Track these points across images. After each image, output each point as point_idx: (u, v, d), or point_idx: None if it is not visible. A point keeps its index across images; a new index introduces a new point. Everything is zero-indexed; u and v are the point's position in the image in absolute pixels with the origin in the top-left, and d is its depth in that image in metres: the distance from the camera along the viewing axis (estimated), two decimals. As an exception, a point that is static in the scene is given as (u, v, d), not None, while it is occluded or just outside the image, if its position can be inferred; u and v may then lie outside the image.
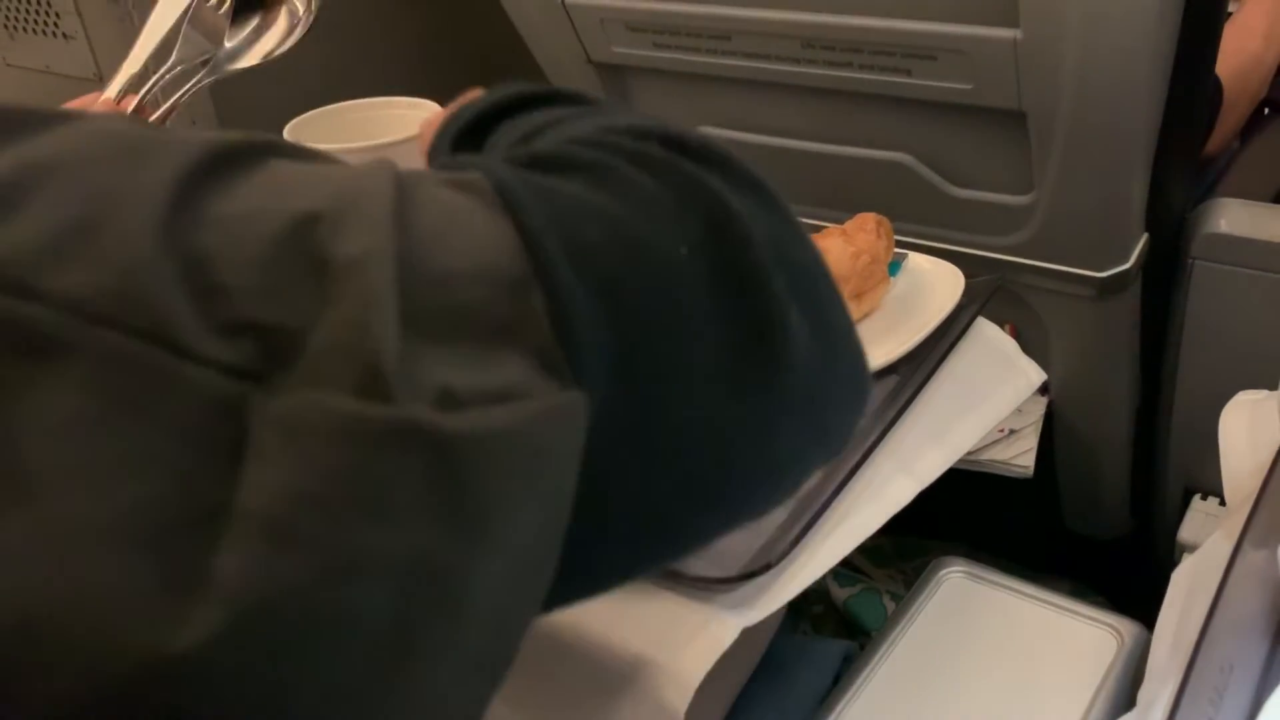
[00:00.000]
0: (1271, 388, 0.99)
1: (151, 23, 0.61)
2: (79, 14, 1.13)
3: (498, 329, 0.27)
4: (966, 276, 1.06)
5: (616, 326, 0.30)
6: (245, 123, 1.15)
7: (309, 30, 0.65)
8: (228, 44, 0.63)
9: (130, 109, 0.60)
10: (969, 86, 0.89)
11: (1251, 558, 0.49)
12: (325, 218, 0.27)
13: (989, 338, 0.78)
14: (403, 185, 0.29)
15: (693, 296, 0.31)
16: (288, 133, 0.85)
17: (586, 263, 0.29)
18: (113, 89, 0.60)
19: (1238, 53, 0.95)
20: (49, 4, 1.15)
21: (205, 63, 0.66)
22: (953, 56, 0.88)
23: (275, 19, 0.63)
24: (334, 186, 0.28)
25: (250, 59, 0.63)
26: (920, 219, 1.03)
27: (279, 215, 0.26)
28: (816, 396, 0.35)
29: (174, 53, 0.63)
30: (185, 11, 0.64)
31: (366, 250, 0.26)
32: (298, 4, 0.62)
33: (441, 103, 1.14)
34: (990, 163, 0.97)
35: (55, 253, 0.24)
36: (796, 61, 0.96)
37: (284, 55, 1.23)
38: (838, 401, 0.37)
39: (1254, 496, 0.56)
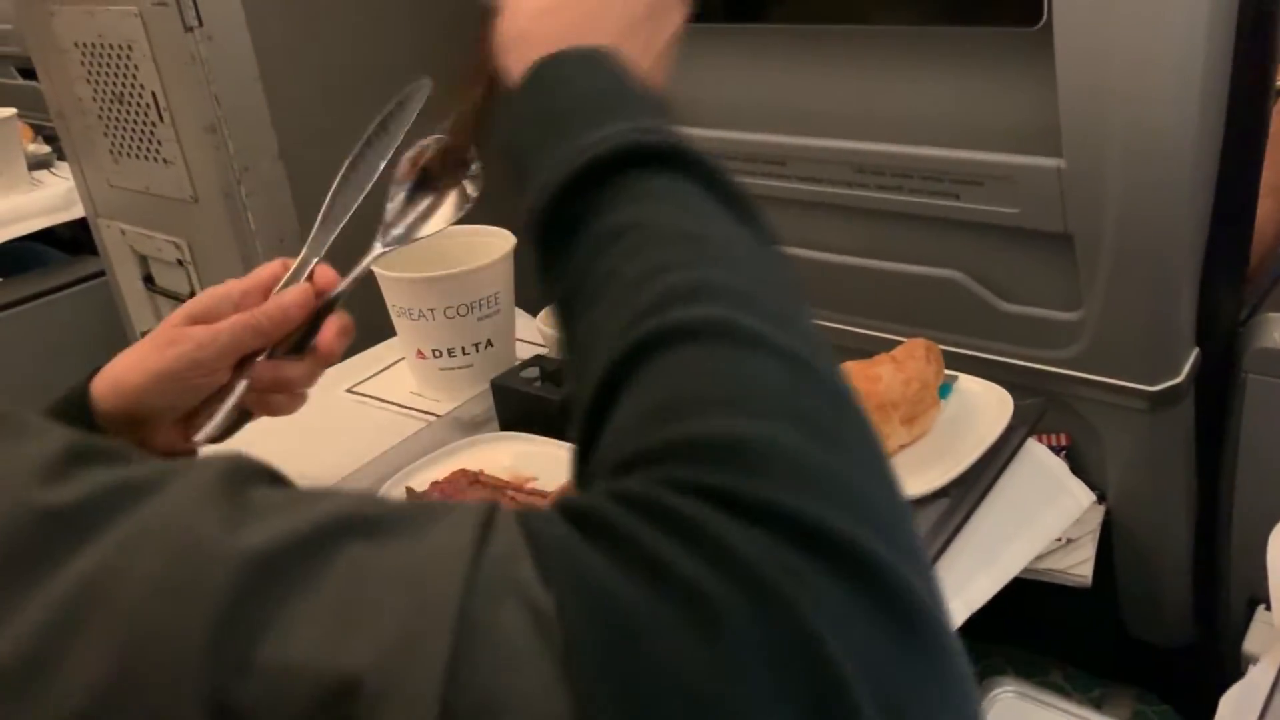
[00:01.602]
0: (1330, 501, 0.99)
1: (331, 208, 0.67)
2: (179, 142, 1.22)
3: None
4: (1018, 389, 1.08)
5: None
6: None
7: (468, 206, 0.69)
8: (401, 227, 0.68)
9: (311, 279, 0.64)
10: (1016, 210, 0.93)
11: (1291, 691, 0.51)
12: (365, 688, 0.24)
13: (1038, 459, 0.81)
14: (469, 602, 0.26)
15: None
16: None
17: None
18: (299, 261, 0.66)
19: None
20: (153, 133, 1.24)
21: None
22: (999, 183, 0.92)
23: (445, 200, 0.68)
24: (391, 618, 0.25)
25: (414, 237, 0.68)
26: (972, 332, 1.06)
27: (319, 675, 0.24)
28: None
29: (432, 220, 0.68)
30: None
31: None
32: (469, 187, 0.67)
33: (511, 226, 1.20)
34: (1039, 280, 0.99)
35: (90, 715, 0.24)
36: (849, 185, 1.01)
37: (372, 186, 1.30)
38: None
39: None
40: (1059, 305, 1.00)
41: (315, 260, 0.65)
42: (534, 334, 0.96)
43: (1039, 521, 0.76)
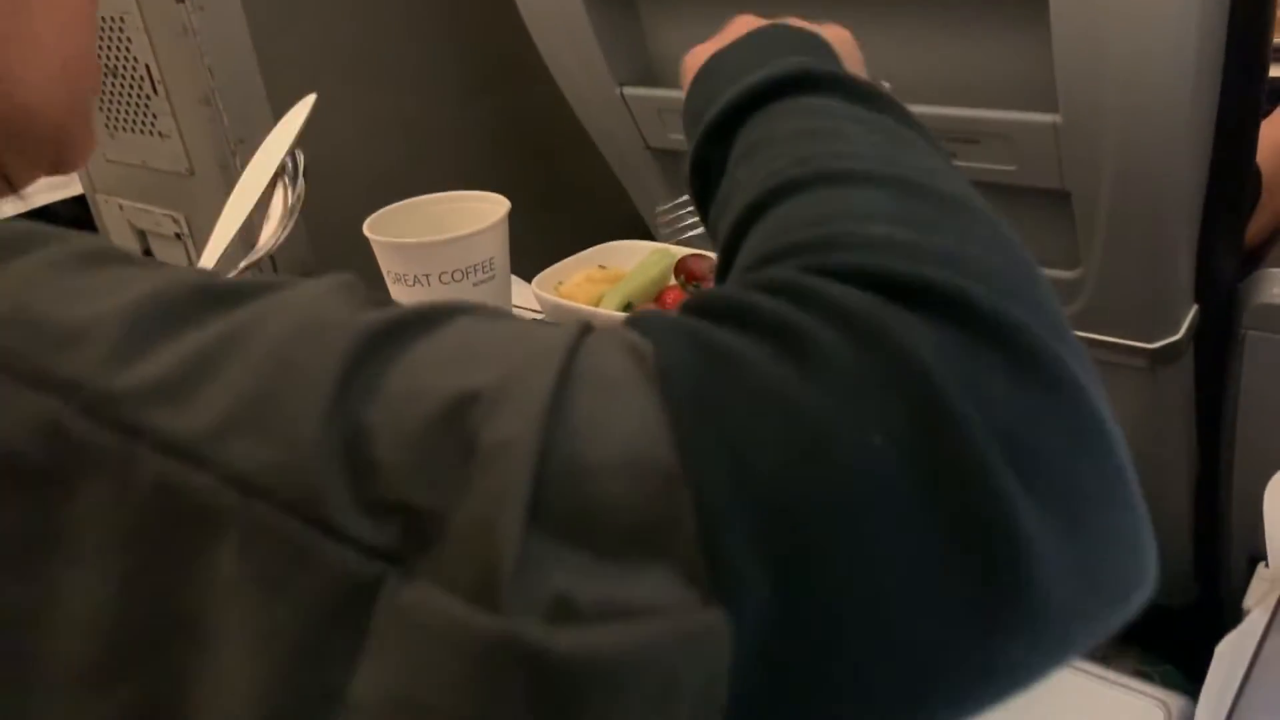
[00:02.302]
0: (1329, 457, 0.99)
1: (223, 225, 0.75)
2: (174, 115, 1.21)
3: (635, 531, 0.25)
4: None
5: (782, 538, 0.25)
6: (327, 213, 1.22)
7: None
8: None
9: None
10: (1012, 168, 0.92)
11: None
12: (484, 397, 0.26)
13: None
14: (573, 355, 0.28)
15: (884, 496, 0.26)
16: (370, 223, 0.91)
17: (748, 464, 0.26)
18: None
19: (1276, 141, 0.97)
20: (147, 106, 1.24)
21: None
22: (995, 140, 0.91)
23: (272, 210, 0.77)
24: (504, 359, 0.28)
25: (263, 248, 0.77)
26: (971, 293, 1.06)
27: (441, 393, 0.26)
28: (1063, 614, 0.28)
29: (258, 245, 0.78)
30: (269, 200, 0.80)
31: (512, 438, 0.25)
32: (288, 194, 0.77)
33: (507, 193, 1.20)
34: (1037, 239, 0.99)
35: (232, 423, 0.26)
36: (845, 146, 1.00)
37: (365, 150, 1.30)
38: (1093, 613, 0.29)
39: (1292, 575, 0.57)
40: (1057, 264, 0.99)
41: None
42: (529, 300, 0.96)
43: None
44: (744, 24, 0.54)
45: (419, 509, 0.25)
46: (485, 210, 0.92)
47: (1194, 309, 0.99)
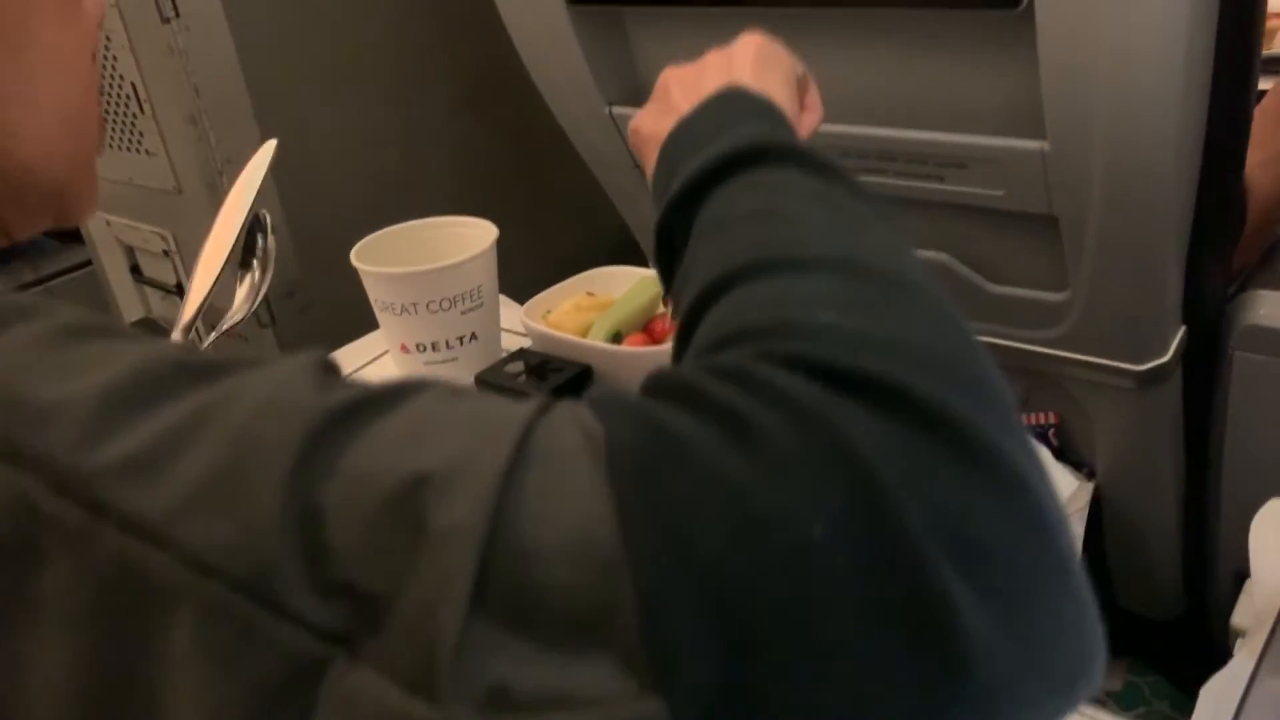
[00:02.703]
0: (1317, 477, 0.99)
1: (196, 286, 0.75)
2: (160, 134, 1.21)
3: (577, 618, 0.25)
4: (1006, 368, 1.08)
5: (723, 626, 0.25)
6: (314, 229, 1.22)
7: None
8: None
9: None
10: (1000, 193, 0.92)
11: (1268, 685, 0.51)
12: (435, 479, 0.27)
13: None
14: (529, 432, 0.28)
15: (823, 588, 0.26)
16: (358, 250, 0.90)
17: (690, 550, 0.26)
18: (175, 339, 0.73)
19: (1263, 153, 0.97)
20: (134, 124, 1.23)
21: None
22: (983, 165, 0.91)
23: (244, 282, 0.80)
24: (458, 439, 0.28)
25: (237, 315, 0.80)
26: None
27: (394, 474, 0.27)
28: (1008, 703, 0.28)
29: (233, 306, 0.80)
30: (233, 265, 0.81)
31: (458, 523, 0.26)
32: (256, 274, 0.79)
33: (495, 206, 1.19)
34: (1026, 262, 0.99)
35: (193, 502, 0.27)
36: (834, 168, 1.00)
37: (352, 167, 1.30)
38: (1039, 700, 0.29)
39: (1273, 619, 0.57)
40: (1045, 286, 1.00)
41: (180, 340, 0.74)
42: (518, 323, 0.95)
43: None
44: (679, 84, 0.58)
45: (368, 592, 0.25)
46: (473, 236, 0.92)
47: (1182, 330, 0.99)
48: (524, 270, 1.05)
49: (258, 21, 1.16)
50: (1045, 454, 0.86)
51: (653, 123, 0.57)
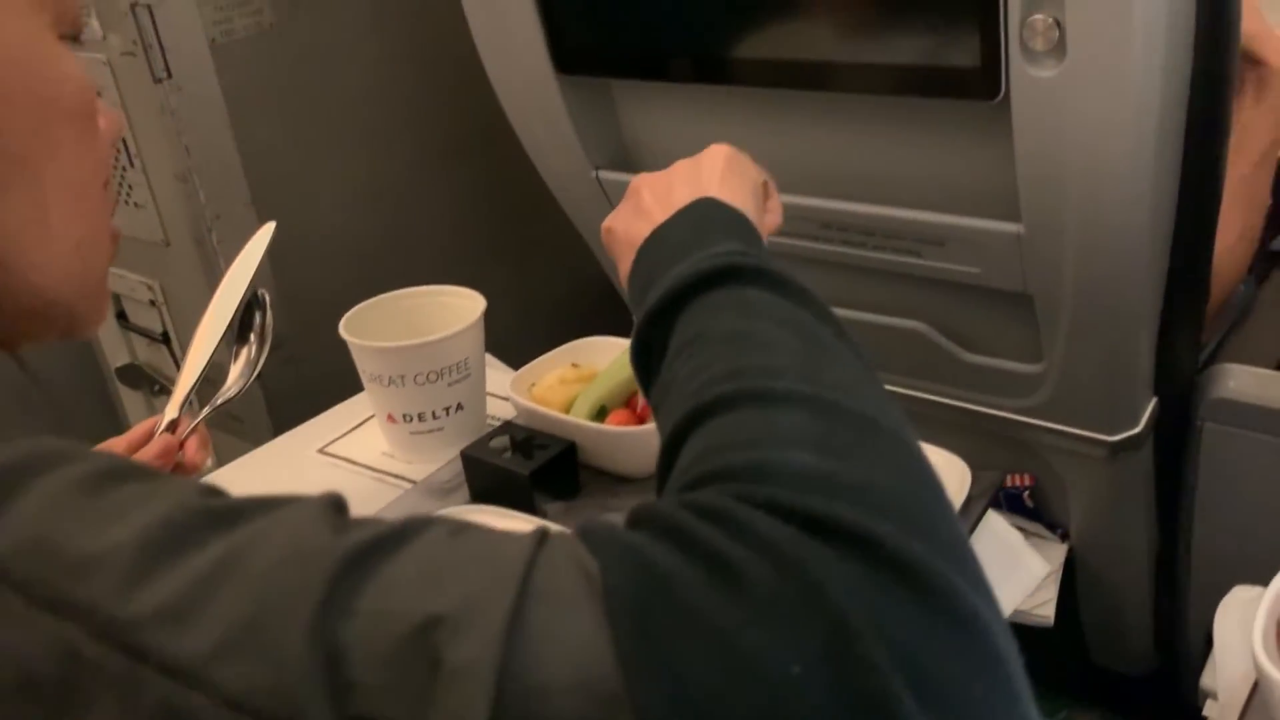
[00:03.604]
0: (1283, 547, 1.02)
1: (191, 361, 0.76)
2: (150, 188, 1.22)
3: None
4: (982, 434, 1.10)
5: None
6: (301, 292, 1.23)
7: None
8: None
9: (181, 429, 0.75)
10: (977, 270, 0.94)
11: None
12: (448, 620, 0.29)
13: (997, 533, 0.83)
14: (530, 571, 0.31)
15: (802, 717, 0.29)
16: (346, 321, 0.92)
17: (683, 686, 0.29)
18: (169, 415, 0.76)
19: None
20: (124, 176, 1.24)
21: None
22: (960, 244, 0.93)
23: (241, 356, 0.81)
24: (466, 580, 0.31)
25: (231, 390, 0.81)
26: (937, 380, 1.08)
27: (409, 616, 0.30)
28: None
29: (228, 382, 0.80)
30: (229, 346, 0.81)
31: (473, 660, 0.29)
32: (253, 349, 0.81)
33: (483, 257, 1.20)
34: (1002, 334, 1.01)
35: (226, 647, 0.29)
36: (814, 239, 1.02)
37: (340, 222, 1.31)
38: None
39: (1240, 709, 0.59)
40: (1021, 357, 1.02)
41: (175, 415, 0.76)
42: (504, 386, 0.97)
43: (998, 592, 0.78)
44: (651, 191, 0.61)
45: None
46: (461, 306, 0.94)
47: (1154, 401, 1.02)
48: (510, 318, 1.07)
49: (249, 82, 1.18)
50: (1016, 538, 0.88)
51: (625, 225, 0.61)
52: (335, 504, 0.35)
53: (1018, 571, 0.83)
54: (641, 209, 0.60)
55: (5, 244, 0.41)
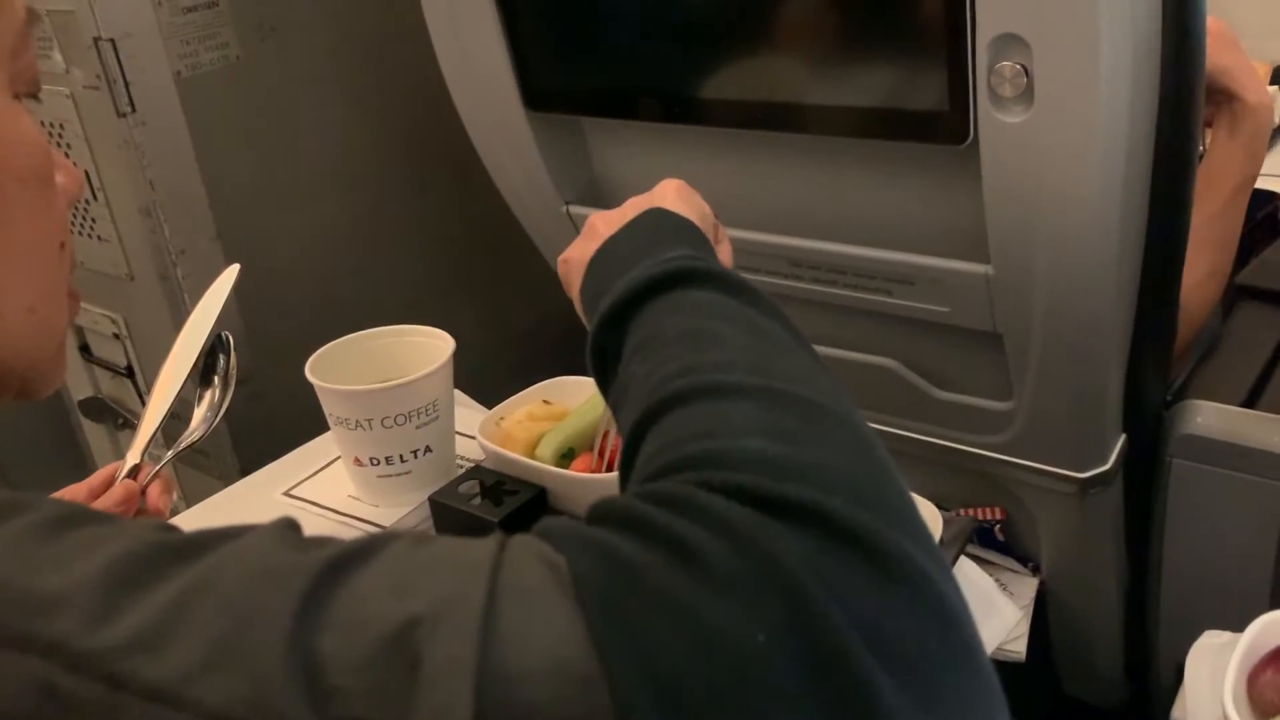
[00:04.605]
0: (1250, 583, 1.02)
1: (154, 404, 0.75)
2: (114, 222, 1.20)
3: None
4: (952, 469, 1.10)
5: None
6: (266, 326, 1.22)
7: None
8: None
9: (143, 476, 0.74)
10: (946, 309, 0.95)
11: None
12: (424, 621, 0.31)
13: (969, 578, 0.83)
14: (497, 571, 0.32)
15: (770, 686, 0.31)
16: (313, 363, 0.90)
17: (654, 661, 0.30)
18: (130, 460, 0.74)
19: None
20: (87, 210, 1.22)
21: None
22: (929, 284, 0.93)
23: (204, 400, 0.80)
24: (436, 584, 0.32)
25: (196, 433, 0.79)
26: (909, 416, 1.08)
27: (386, 620, 0.31)
28: None
29: (192, 424, 0.79)
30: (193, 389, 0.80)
31: (452, 657, 0.30)
32: (217, 391, 0.79)
33: (450, 300, 1.19)
34: (972, 371, 1.02)
35: (205, 665, 0.30)
36: (784, 276, 1.02)
37: (306, 255, 1.30)
38: None
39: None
40: (991, 395, 1.02)
41: (138, 461, 0.74)
42: (474, 425, 0.95)
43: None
44: (602, 222, 0.62)
45: None
46: (429, 346, 0.93)
47: (1123, 438, 1.02)
48: (480, 353, 1.06)
49: (214, 116, 1.16)
50: (989, 584, 0.88)
51: (579, 251, 0.62)
52: (291, 525, 0.35)
53: (992, 619, 0.83)
54: (595, 235, 0.61)
55: None
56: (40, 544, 0.33)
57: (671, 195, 0.64)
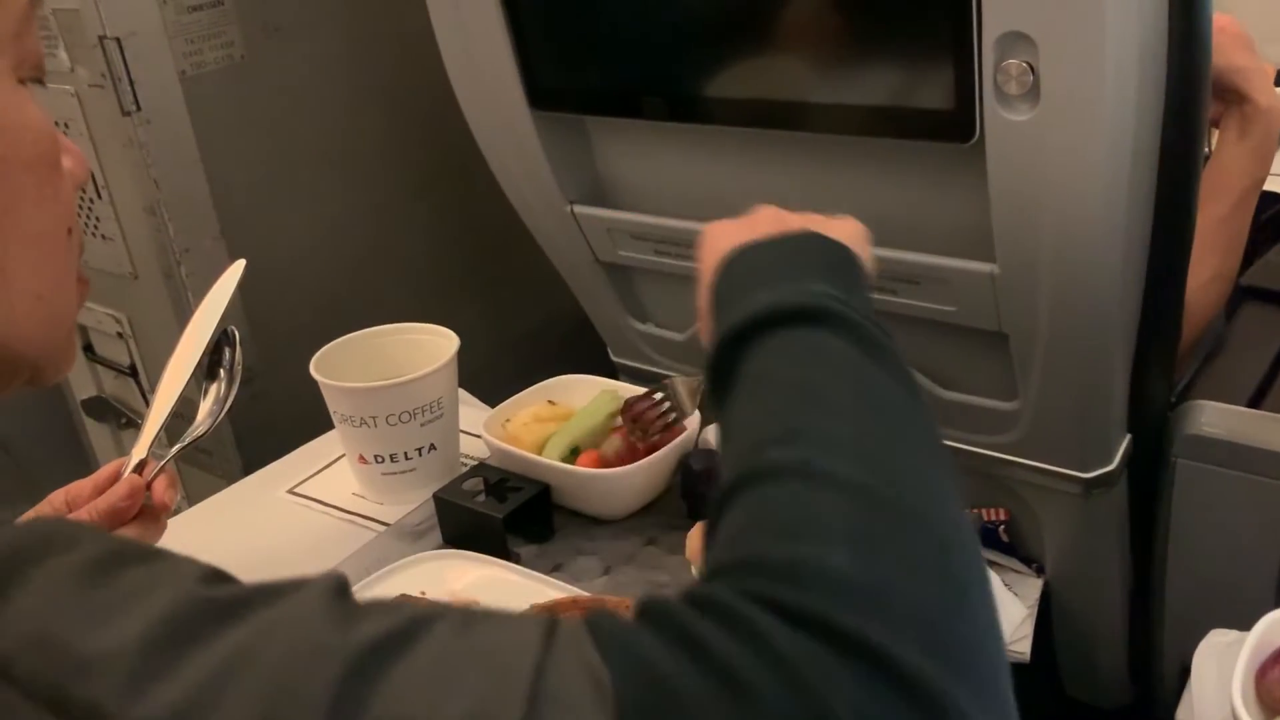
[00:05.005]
0: (1256, 584, 1.02)
1: (160, 400, 0.75)
2: (118, 220, 1.20)
3: None
4: (958, 470, 1.10)
5: None
6: (270, 324, 1.22)
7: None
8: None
9: (149, 471, 0.74)
10: (951, 309, 0.94)
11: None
12: None
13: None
14: (540, 676, 0.31)
15: None
16: (317, 360, 0.90)
17: None
18: (136, 455, 0.74)
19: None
20: (91, 208, 1.22)
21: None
22: (935, 283, 0.93)
23: (209, 392, 0.80)
24: (476, 684, 0.31)
25: (200, 428, 0.79)
26: (912, 416, 1.08)
27: None
28: None
29: (197, 419, 0.78)
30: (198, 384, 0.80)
31: None
32: (223, 386, 0.79)
33: (454, 300, 1.19)
34: (977, 371, 1.01)
35: None
36: (790, 276, 1.02)
37: (310, 253, 1.30)
38: None
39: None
40: (996, 395, 1.02)
41: (144, 456, 0.75)
42: (478, 423, 0.95)
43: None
44: (768, 217, 0.59)
45: None
46: (433, 344, 0.93)
47: (1127, 438, 1.02)
48: (484, 352, 1.06)
49: (219, 115, 1.16)
50: (996, 583, 0.88)
51: (728, 232, 0.58)
52: (339, 588, 0.34)
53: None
54: (754, 224, 0.58)
55: None
56: (83, 590, 0.32)
57: (849, 232, 0.61)
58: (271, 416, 1.21)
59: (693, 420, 0.88)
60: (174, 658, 0.31)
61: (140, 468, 0.74)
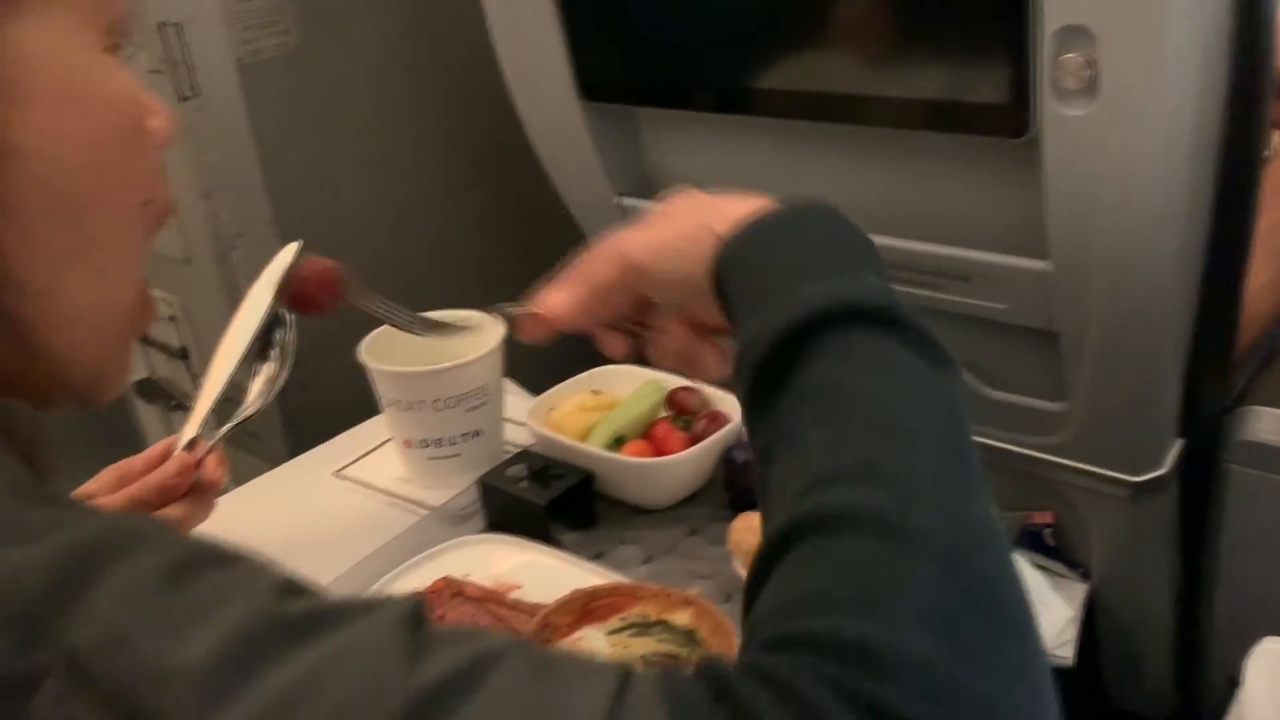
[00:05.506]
0: (1309, 593, 1.00)
1: (212, 379, 0.74)
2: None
3: None
4: (1004, 471, 1.09)
5: None
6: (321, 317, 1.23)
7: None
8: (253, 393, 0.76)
9: (198, 449, 0.74)
10: (1002, 307, 0.93)
11: None
12: None
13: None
14: None
15: None
16: (366, 345, 0.91)
17: None
18: (187, 434, 0.74)
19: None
20: (147, 193, 1.24)
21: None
22: (985, 280, 0.92)
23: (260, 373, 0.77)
24: None
25: (251, 408, 0.77)
26: (959, 415, 1.07)
27: None
28: None
29: (247, 400, 0.76)
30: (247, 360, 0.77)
31: None
32: (274, 367, 0.76)
33: (498, 292, 1.18)
34: (1025, 371, 1.00)
35: None
36: (838, 271, 1.01)
37: (359, 239, 1.31)
38: None
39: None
40: (1044, 395, 1.01)
41: (195, 434, 0.74)
42: (521, 412, 0.96)
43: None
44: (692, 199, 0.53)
45: None
46: (479, 332, 0.93)
47: (1179, 443, 1.00)
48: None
49: (273, 102, 1.18)
50: (1039, 580, 0.87)
51: (722, 210, 0.50)
52: (413, 615, 0.33)
53: (1041, 616, 0.81)
54: (742, 199, 0.50)
55: (43, 287, 0.39)
56: (160, 596, 0.32)
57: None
58: (319, 401, 1.22)
59: (738, 411, 0.87)
60: (243, 679, 0.31)
61: (190, 446, 0.75)
